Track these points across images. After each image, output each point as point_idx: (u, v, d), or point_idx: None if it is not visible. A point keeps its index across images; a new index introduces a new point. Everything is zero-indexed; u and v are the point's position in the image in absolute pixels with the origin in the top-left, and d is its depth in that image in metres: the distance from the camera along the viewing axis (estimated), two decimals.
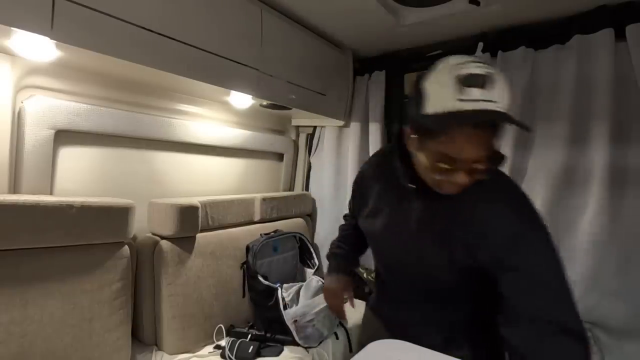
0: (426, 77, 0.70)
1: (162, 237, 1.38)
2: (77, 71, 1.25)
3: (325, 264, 2.08)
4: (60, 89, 1.22)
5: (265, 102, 1.63)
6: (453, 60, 0.68)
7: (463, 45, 1.62)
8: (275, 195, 1.93)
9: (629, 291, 1.28)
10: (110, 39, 0.98)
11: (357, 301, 1.84)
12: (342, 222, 2.11)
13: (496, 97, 0.63)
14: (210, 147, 1.74)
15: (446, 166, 0.69)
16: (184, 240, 1.42)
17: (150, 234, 1.41)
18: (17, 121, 1.13)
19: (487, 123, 0.66)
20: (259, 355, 1.35)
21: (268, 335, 1.44)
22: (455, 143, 0.67)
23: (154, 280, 1.36)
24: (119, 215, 1.21)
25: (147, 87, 1.45)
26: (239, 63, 1.32)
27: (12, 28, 0.82)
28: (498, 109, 0.63)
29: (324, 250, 2.12)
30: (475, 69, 0.64)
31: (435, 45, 1.74)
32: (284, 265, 1.77)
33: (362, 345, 0.82)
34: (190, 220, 1.40)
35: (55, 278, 1.08)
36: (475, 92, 0.63)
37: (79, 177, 1.31)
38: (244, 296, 1.60)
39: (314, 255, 1.87)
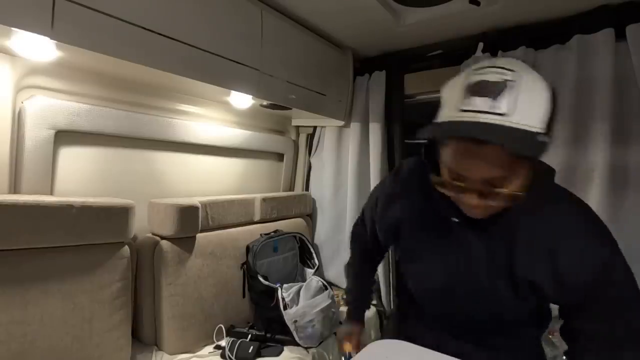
0: (448, 82, 0.65)
1: (162, 237, 1.38)
2: (77, 71, 1.25)
3: (325, 264, 2.09)
4: (60, 89, 1.22)
5: (265, 102, 1.63)
6: (476, 64, 0.62)
7: (463, 45, 1.62)
8: (275, 195, 1.93)
9: None
10: (111, 39, 0.98)
11: None
12: (343, 222, 2.08)
13: (504, 109, 0.55)
14: (210, 147, 1.74)
15: (457, 183, 0.62)
16: (184, 240, 1.42)
17: (150, 234, 1.41)
18: (18, 121, 1.13)
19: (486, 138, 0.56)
20: (259, 356, 1.35)
21: (268, 335, 1.44)
22: (454, 157, 0.61)
23: (154, 280, 1.36)
24: (119, 215, 1.21)
25: (147, 87, 1.45)
26: (239, 63, 1.32)
27: (12, 28, 0.82)
28: (499, 123, 0.55)
29: (324, 251, 2.13)
30: (490, 74, 0.57)
31: (435, 45, 1.74)
32: (284, 265, 1.77)
33: None
34: (190, 220, 1.40)
35: (55, 278, 1.08)
36: (478, 102, 0.56)
37: (79, 177, 1.31)
38: (244, 296, 1.60)
39: (314, 255, 1.87)
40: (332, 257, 2.10)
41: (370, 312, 1.83)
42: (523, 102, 0.55)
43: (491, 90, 0.56)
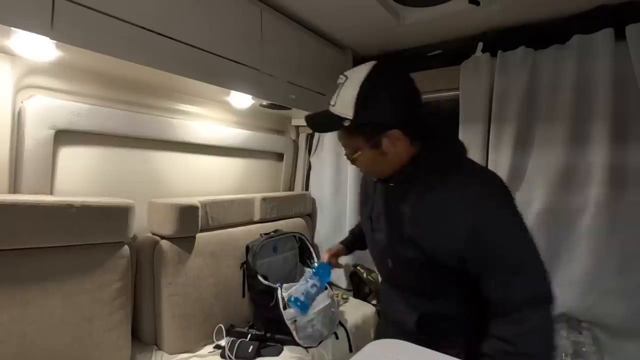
0: None
1: (162, 237, 1.38)
2: (77, 71, 1.25)
3: None
4: (60, 89, 1.22)
5: (265, 102, 1.63)
6: None
7: (463, 45, 1.62)
8: (275, 195, 1.93)
9: (628, 291, 1.28)
10: (110, 39, 0.98)
11: (357, 301, 1.89)
12: (343, 221, 2.13)
13: (332, 102, 0.83)
14: (210, 147, 1.74)
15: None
16: (184, 240, 1.42)
17: (150, 234, 1.41)
18: (17, 121, 1.13)
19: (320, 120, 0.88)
20: (259, 355, 1.35)
21: (268, 335, 1.44)
22: None
23: (154, 280, 1.36)
24: (119, 215, 1.21)
25: (147, 87, 1.45)
26: (239, 63, 1.32)
27: (12, 28, 0.82)
28: (331, 110, 0.82)
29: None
30: (339, 78, 0.82)
31: (435, 45, 1.74)
32: (283, 265, 1.77)
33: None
34: (190, 220, 1.40)
35: (55, 278, 1.08)
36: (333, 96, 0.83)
37: (79, 177, 1.31)
38: (243, 296, 1.60)
39: (314, 255, 1.87)
40: None
41: (370, 312, 1.83)
42: (340, 98, 0.81)
43: (336, 88, 0.83)
